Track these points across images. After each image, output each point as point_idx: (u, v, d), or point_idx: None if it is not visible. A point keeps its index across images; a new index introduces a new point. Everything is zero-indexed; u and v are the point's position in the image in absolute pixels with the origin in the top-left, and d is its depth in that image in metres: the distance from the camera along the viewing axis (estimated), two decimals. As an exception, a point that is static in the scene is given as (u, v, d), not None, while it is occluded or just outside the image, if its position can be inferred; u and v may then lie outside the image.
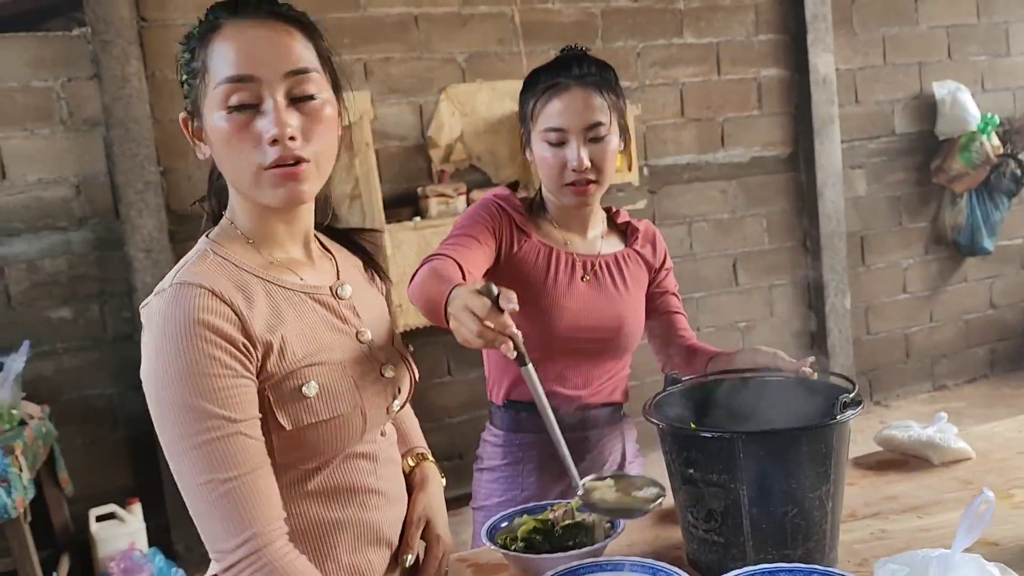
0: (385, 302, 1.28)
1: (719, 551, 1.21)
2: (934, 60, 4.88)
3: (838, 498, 1.22)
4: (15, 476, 2.64)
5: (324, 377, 1.06)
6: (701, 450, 1.19)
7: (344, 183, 3.69)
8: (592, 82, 1.50)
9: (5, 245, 3.32)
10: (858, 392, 1.24)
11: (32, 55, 3.30)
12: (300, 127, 1.02)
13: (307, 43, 1.06)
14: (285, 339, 1.04)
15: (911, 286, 5.00)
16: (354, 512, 1.12)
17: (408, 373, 1.20)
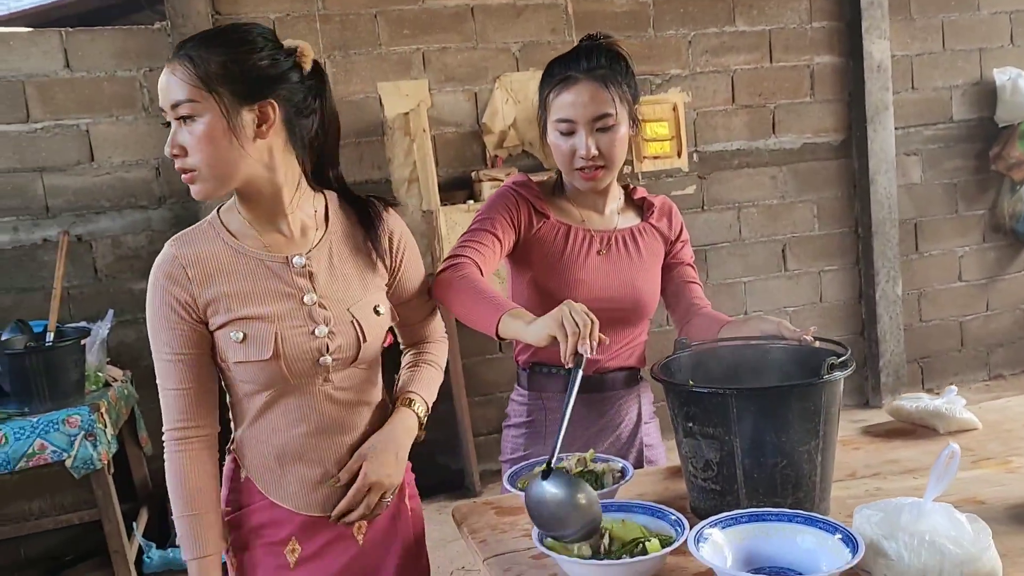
0: (371, 273, 1.45)
1: (716, 498, 1.34)
2: (995, 46, 4.82)
3: (828, 454, 1.33)
4: (100, 431, 2.90)
5: (252, 328, 1.34)
6: (699, 405, 1.32)
7: (403, 167, 3.88)
8: (600, 75, 1.60)
9: (92, 222, 3.61)
10: (850, 356, 1.34)
11: (117, 47, 3.57)
12: (182, 144, 1.30)
13: (189, 74, 1.27)
14: (225, 297, 1.35)
15: (967, 274, 4.97)
16: (302, 439, 1.41)
17: (353, 336, 1.40)
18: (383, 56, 3.90)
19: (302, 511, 1.43)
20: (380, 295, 1.46)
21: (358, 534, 1.47)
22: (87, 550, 3.62)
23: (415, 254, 1.55)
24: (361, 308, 1.41)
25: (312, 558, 1.44)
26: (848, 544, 1.14)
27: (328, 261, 1.41)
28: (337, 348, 1.38)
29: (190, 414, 1.37)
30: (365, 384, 1.46)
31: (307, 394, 1.40)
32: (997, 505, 1.36)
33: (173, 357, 1.35)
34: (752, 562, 1.19)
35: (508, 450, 1.81)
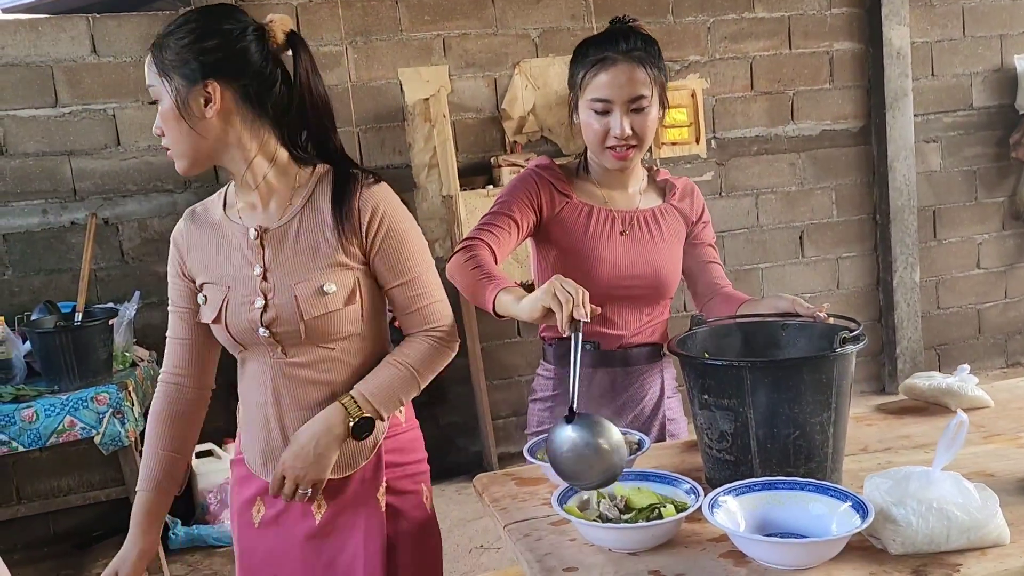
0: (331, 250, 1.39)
1: (730, 468, 1.38)
2: (1016, 32, 4.79)
3: (840, 426, 1.37)
4: (128, 409, 2.97)
5: (211, 293, 1.45)
6: (714, 378, 1.36)
7: (423, 152, 3.93)
8: (637, 57, 1.64)
9: (119, 205, 3.68)
10: (861, 331, 1.37)
11: (143, 32, 3.63)
12: (159, 125, 1.39)
13: (153, 61, 1.36)
14: (199, 261, 1.47)
15: (985, 262, 4.96)
16: (262, 407, 1.47)
17: (291, 312, 1.38)
18: (404, 42, 3.94)
19: (260, 475, 1.49)
20: (338, 275, 1.39)
21: (316, 512, 1.46)
22: (114, 526, 3.71)
23: (403, 239, 1.44)
24: (304, 286, 1.38)
25: (272, 522, 1.49)
26: (858, 510, 1.18)
27: (290, 235, 1.41)
28: (272, 321, 1.39)
29: (182, 364, 1.51)
30: (334, 365, 1.43)
31: (264, 364, 1.45)
32: (1007, 477, 1.39)
33: (174, 309, 1.52)
34: (765, 528, 1.23)
35: (534, 423, 1.85)
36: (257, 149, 1.40)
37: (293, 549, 1.47)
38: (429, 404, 4.03)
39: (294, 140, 1.45)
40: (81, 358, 2.98)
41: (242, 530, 1.53)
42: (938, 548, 1.14)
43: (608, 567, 1.20)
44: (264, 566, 1.50)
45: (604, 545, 1.25)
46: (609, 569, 1.19)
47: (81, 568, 3.46)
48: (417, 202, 4.01)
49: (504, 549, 3.27)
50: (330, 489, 1.45)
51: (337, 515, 1.47)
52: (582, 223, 1.72)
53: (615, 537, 1.23)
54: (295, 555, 1.47)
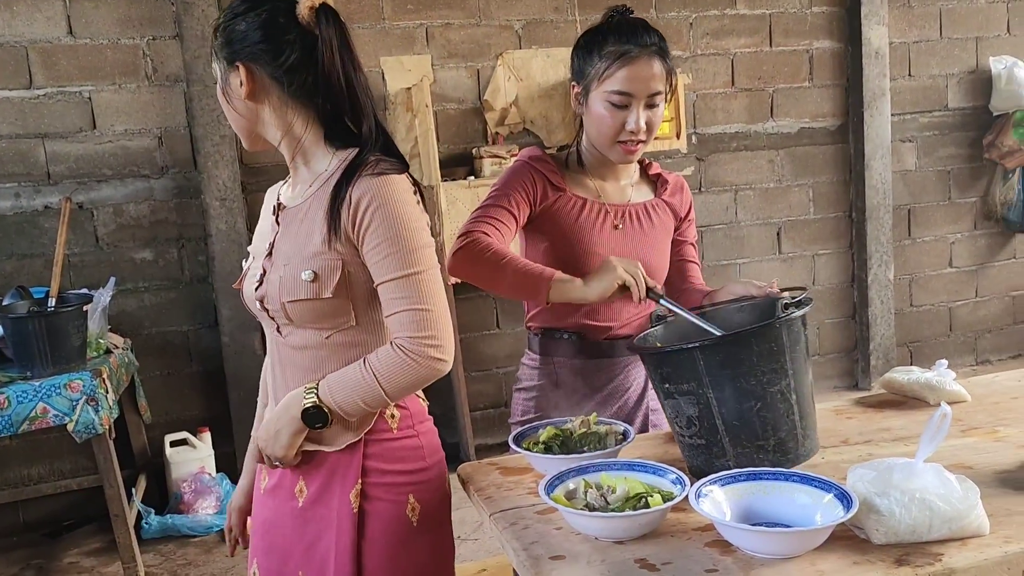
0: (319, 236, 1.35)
1: (704, 452, 1.39)
2: (992, 35, 4.86)
3: (802, 392, 1.38)
4: (102, 396, 2.94)
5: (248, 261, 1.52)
6: (671, 365, 1.37)
7: (404, 142, 3.90)
8: (656, 51, 1.64)
9: (94, 190, 3.63)
10: (806, 296, 1.41)
11: (121, 14, 3.58)
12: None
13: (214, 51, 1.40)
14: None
15: (957, 260, 5.04)
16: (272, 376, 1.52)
17: (276, 292, 1.38)
18: (386, 30, 3.92)
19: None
20: (326, 263, 1.34)
21: (299, 496, 1.46)
22: (86, 515, 3.67)
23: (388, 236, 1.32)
24: (290, 269, 1.37)
25: (269, 493, 1.52)
26: (842, 501, 1.19)
27: (299, 217, 1.40)
28: (263, 298, 1.42)
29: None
30: (324, 352, 1.40)
31: (270, 339, 1.51)
32: (985, 470, 1.41)
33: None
34: (750, 518, 1.24)
35: (519, 412, 1.85)
36: (286, 130, 1.40)
37: (285, 521, 1.49)
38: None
39: (333, 121, 1.40)
40: (54, 344, 2.93)
41: (256, 494, 1.58)
42: (920, 538, 1.15)
43: (595, 555, 1.20)
44: (262, 533, 1.54)
45: (590, 534, 1.25)
46: (596, 557, 1.19)
47: (52, 558, 3.41)
48: (397, 192, 3.98)
49: (481, 540, 3.28)
50: (310, 475, 1.44)
51: (315, 503, 1.45)
52: (575, 216, 1.72)
53: (602, 526, 1.24)
54: (287, 526, 1.49)
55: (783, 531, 1.16)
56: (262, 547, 1.52)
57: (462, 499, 1.61)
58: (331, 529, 1.43)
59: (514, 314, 4.17)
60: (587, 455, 1.44)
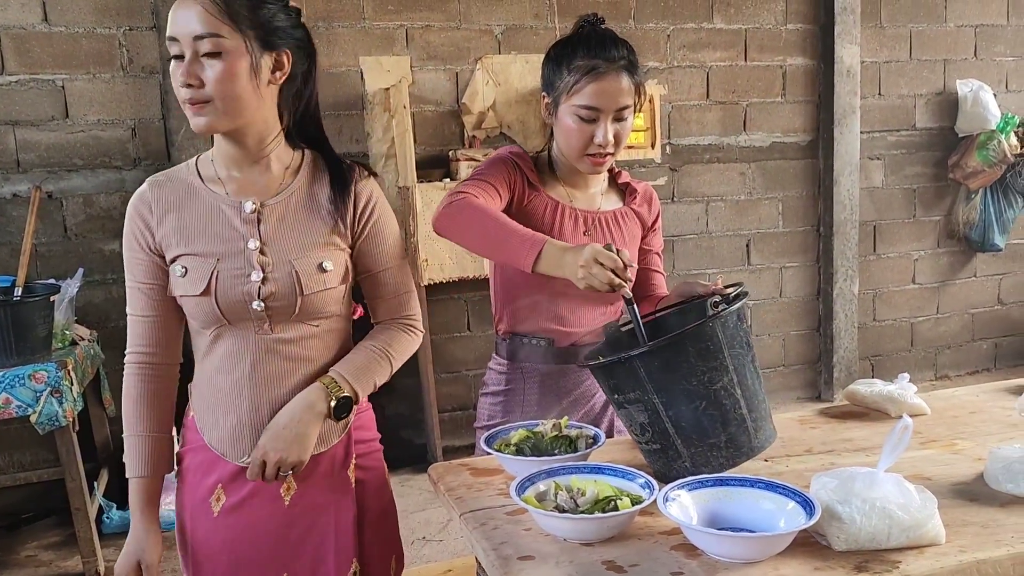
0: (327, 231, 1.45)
1: (661, 456, 1.42)
2: (959, 58, 4.98)
3: (747, 385, 1.40)
4: (66, 388, 2.90)
5: (192, 264, 1.41)
6: (615, 376, 1.39)
7: (381, 142, 3.90)
8: (625, 67, 1.66)
9: (64, 179, 3.58)
10: (740, 292, 1.44)
11: (98, 3, 3.54)
12: (200, 76, 1.32)
13: (218, 10, 1.31)
14: (176, 232, 1.42)
15: (920, 277, 5.14)
16: (240, 384, 1.45)
17: (290, 287, 1.41)
18: (366, 30, 3.92)
19: (232, 459, 1.45)
20: (334, 253, 1.45)
21: (285, 495, 1.47)
22: (45, 508, 3.62)
23: (387, 230, 1.51)
24: (304, 262, 1.42)
25: (234, 509, 1.46)
26: (805, 508, 1.22)
27: (283, 212, 1.44)
28: (270, 295, 1.40)
29: (150, 341, 1.46)
30: (315, 343, 1.47)
31: (247, 340, 1.43)
32: (942, 481, 1.45)
33: (137, 285, 1.45)
34: (716, 522, 1.27)
35: (485, 417, 1.86)
36: (274, 121, 1.43)
37: (258, 535, 1.46)
38: (375, 394, 4.01)
39: (291, 122, 1.47)
40: (19, 334, 2.90)
41: (196, 521, 1.48)
42: (879, 546, 1.19)
43: (563, 556, 1.22)
44: (222, 555, 1.47)
45: (559, 535, 1.27)
46: (564, 558, 1.21)
47: (10, 550, 3.36)
48: (372, 192, 3.99)
49: (447, 541, 3.28)
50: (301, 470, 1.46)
51: (306, 495, 1.48)
52: (548, 218, 1.74)
53: (571, 527, 1.25)
54: (260, 541, 1.46)
55: (747, 536, 1.19)
56: (224, 569, 1.47)
57: (427, 500, 1.63)
58: (328, 514, 1.49)
59: (485, 317, 4.19)
60: (558, 458, 1.46)
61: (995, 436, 1.67)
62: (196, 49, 1.31)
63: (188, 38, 1.31)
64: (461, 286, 4.03)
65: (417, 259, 3.75)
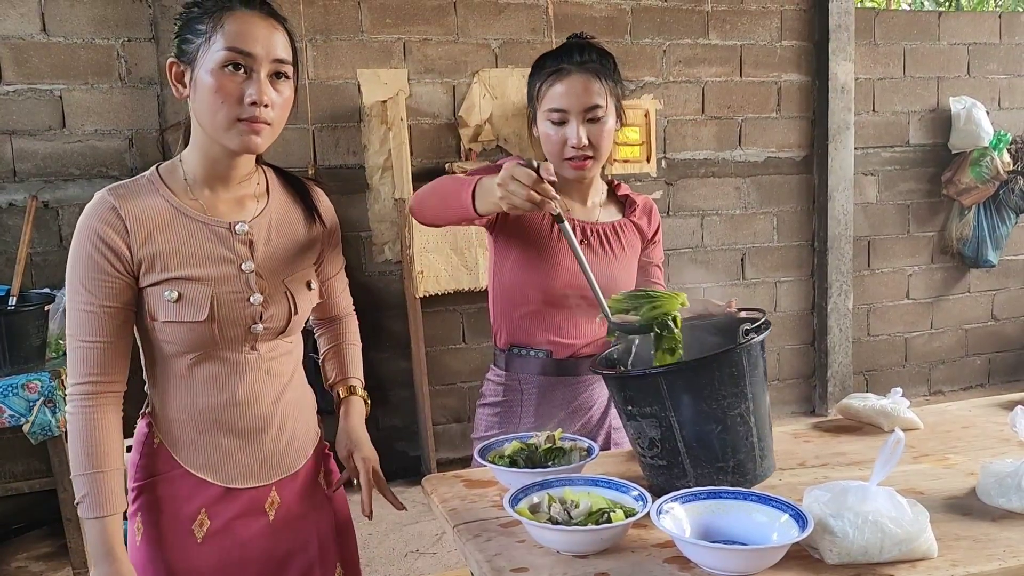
0: (306, 249, 1.50)
1: (665, 472, 1.42)
2: (953, 76, 5.02)
3: (760, 415, 1.41)
4: (60, 398, 2.90)
5: (187, 289, 1.35)
6: (634, 388, 1.39)
7: (378, 154, 3.92)
8: (592, 68, 1.68)
9: (60, 189, 3.58)
10: (765, 321, 1.44)
11: (97, 14, 3.55)
12: (272, 98, 1.33)
13: (289, 41, 1.38)
14: (163, 255, 1.35)
15: (914, 292, 5.16)
16: (226, 407, 1.42)
17: (286, 307, 1.44)
18: (364, 43, 3.94)
19: (218, 482, 1.43)
20: (312, 271, 1.52)
21: (270, 510, 1.48)
22: (37, 519, 3.60)
23: (339, 234, 1.62)
24: (295, 281, 1.46)
25: (220, 532, 1.44)
26: (798, 521, 1.22)
27: (267, 232, 1.45)
28: (270, 317, 1.42)
29: (104, 369, 1.35)
30: (287, 357, 1.51)
31: (233, 362, 1.41)
32: (935, 495, 1.46)
33: (97, 308, 1.32)
34: (709, 535, 1.27)
35: (482, 427, 1.86)
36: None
37: (247, 553, 1.46)
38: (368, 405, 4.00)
39: None
40: (13, 343, 2.90)
41: (176, 551, 1.42)
42: (872, 559, 1.19)
43: (557, 569, 1.22)
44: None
45: (553, 547, 1.27)
46: (558, 570, 1.21)
47: (0, 562, 3.33)
48: (369, 203, 4.00)
49: (440, 554, 3.27)
50: (282, 484, 1.49)
51: (290, 508, 1.50)
52: (544, 230, 1.75)
53: (564, 539, 1.25)
54: (249, 559, 1.46)
55: (740, 549, 1.19)
56: None
57: (420, 513, 1.64)
58: (308, 522, 1.52)
59: (480, 329, 4.19)
60: (552, 470, 1.46)
61: (987, 451, 1.68)
62: (271, 70, 1.33)
63: (268, 58, 1.32)
64: (456, 298, 4.03)
65: (413, 271, 3.76)
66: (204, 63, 1.30)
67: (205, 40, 1.31)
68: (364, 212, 4.00)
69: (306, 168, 3.85)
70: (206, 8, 1.33)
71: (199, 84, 1.31)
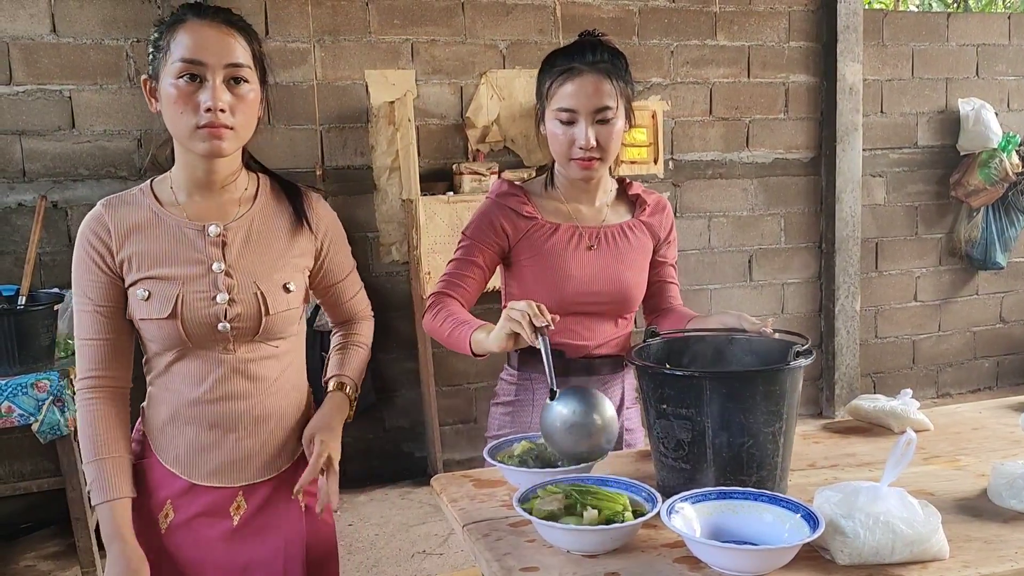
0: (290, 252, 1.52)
1: (685, 476, 1.42)
2: (961, 77, 5.00)
3: (789, 436, 1.42)
4: (69, 398, 2.91)
5: (156, 288, 1.42)
6: (673, 387, 1.39)
7: (385, 155, 3.93)
8: (603, 69, 1.66)
9: (70, 189, 3.60)
10: (810, 345, 1.43)
11: (106, 15, 3.57)
12: (229, 103, 1.37)
13: (247, 44, 1.41)
14: (138, 256, 1.43)
15: (922, 295, 5.15)
16: (199, 403, 1.46)
17: (255, 308, 1.46)
18: (372, 44, 3.94)
19: (184, 475, 1.47)
20: (295, 275, 1.52)
21: (235, 514, 1.50)
22: (45, 518, 3.61)
23: (342, 239, 1.63)
24: (269, 283, 1.47)
25: (182, 526, 1.47)
26: (808, 521, 1.22)
27: (245, 235, 1.48)
28: (236, 316, 1.44)
29: (104, 364, 1.44)
30: (271, 362, 1.51)
31: (208, 360, 1.45)
32: (945, 497, 1.45)
33: (92, 308, 1.43)
34: (719, 535, 1.27)
35: (495, 427, 1.86)
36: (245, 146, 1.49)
37: (205, 554, 1.48)
38: (375, 407, 4.01)
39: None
40: (23, 343, 2.90)
41: (145, 537, 1.45)
42: (883, 560, 1.19)
43: (567, 568, 1.22)
44: (170, 572, 1.48)
45: (563, 547, 1.27)
46: (568, 570, 1.21)
47: (8, 561, 3.35)
48: (376, 204, 4.00)
49: (447, 555, 3.27)
50: (251, 490, 1.50)
51: (256, 516, 1.51)
52: (549, 241, 1.75)
53: (574, 539, 1.26)
54: (207, 558, 1.48)
55: (751, 549, 1.19)
56: None
57: (428, 513, 1.64)
58: (277, 536, 1.51)
59: (487, 330, 4.18)
60: (561, 470, 1.46)
61: (998, 452, 1.67)
62: (225, 76, 1.37)
63: (223, 64, 1.36)
64: (463, 299, 4.02)
65: (420, 272, 3.76)
66: (164, 75, 1.37)
67: (164, 54, 1.37)
68: (371, 213, 4.00)
69: (313, 169, 3.85)
70: (165, 24, 1.40)
71: (163, 96, 1.38)
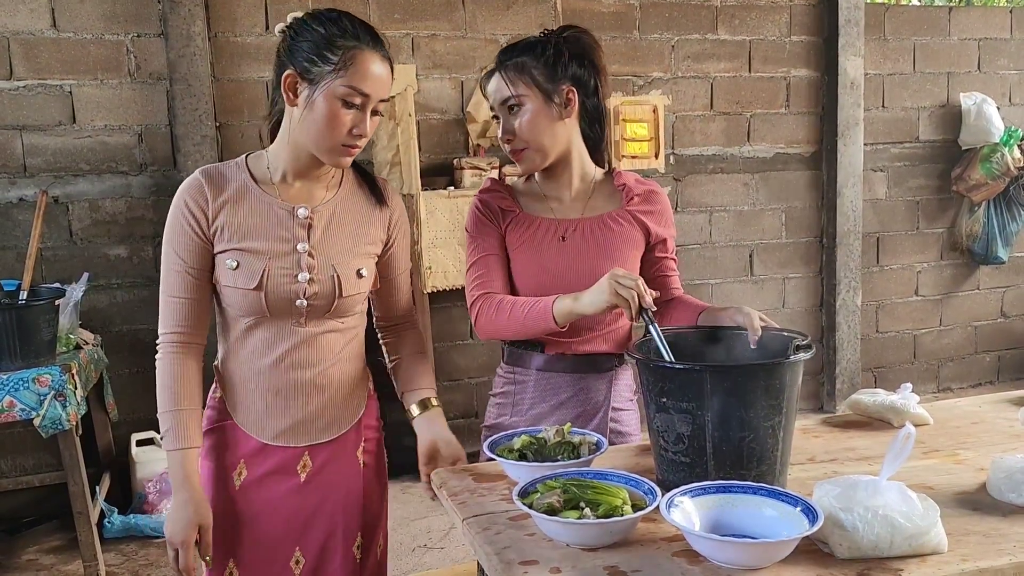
0: (365, 240, 1.64)
1: (685, 470, 1.42)
2: (963, 71, 4.99)
3: (788, 430, 1.42)
4: (70, 392, 2.91)
5: (245, 260, 1.54)
6: (674, 381, 1.39)
7: (386, 150, 3.92)
8: (510, 66, 1.70)
9: (71, 184, 3.60)
10: (809, 340, 1.44)
11: (106, 10, 3.56)
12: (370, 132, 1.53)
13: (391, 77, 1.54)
14: (230, 226, 1.54)
15: (923, 289, 5.14)
16: (272, 369, 1.60)
17: (331, 288, 1.58)
18: (372, 39, 3.93)
19: (256, 436, 1.62)
20: (367, 261, 1.64)
21: (302, 471, 1.64)
22: (47, 512, 3.62)
23: (408, 234, 1.75)
24: (345, 267, 1.60)
25: (254, 484, 1.62)
26: (808, 515, 1.22)
27: (328, 220, 1.61)
28: (313, 295, 1.57)
29: (188, 323, 1.56)
30: (336, 335, 1.64)
31: (281, 330, 1.58)
32: (945, 491, 1.45)
33: (183, 269, 1.54)
34: (718, 529, 1.27)
35: (492, 416, 1.89)
36: None
37: (274, 507, 1.62)
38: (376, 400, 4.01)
39: None
40: (24, 338, 2.90)
41: (216, 492, 1.61)
42: (882, 554, 1.19)
43: (566, 562, 1.22)
44: (248, 524, 1.62)
45: (562, 540, 1.27)
46: (567, 564, 1.21)
47: (10, 554, 3.36)
48: (377, 199, 4.00)
49: (448, 548, 3.28)
50: (315, 449, 1.64)
51: (319, 473, 1.65)
52: (526, 234, 1.77)
53: (574, 532, 1.26)
54: (277, 511, 1.62)
55: (750, 542, 1.19)
56: (245, 543, 1.62)
57: (429, 507, 1.67)
58: (338, 490, 1.66)
59: (488, 325, 4.19)
60: (560, 463, 1.46)
61: (998, 446, 1.67)
62: (375, 108, 1.51)
63: (377, 98, 1.50)
64: (464, 294, 4.02)
65: (421, 266, 3.76)
66: (325, 89, 1.46)
67: (333, 70, 1.46)
68: (372, 208, 4.00)
69: (314, 164, 3.85)
70: (341, 42, 1.47)
71: (315, 105, 1.47)
